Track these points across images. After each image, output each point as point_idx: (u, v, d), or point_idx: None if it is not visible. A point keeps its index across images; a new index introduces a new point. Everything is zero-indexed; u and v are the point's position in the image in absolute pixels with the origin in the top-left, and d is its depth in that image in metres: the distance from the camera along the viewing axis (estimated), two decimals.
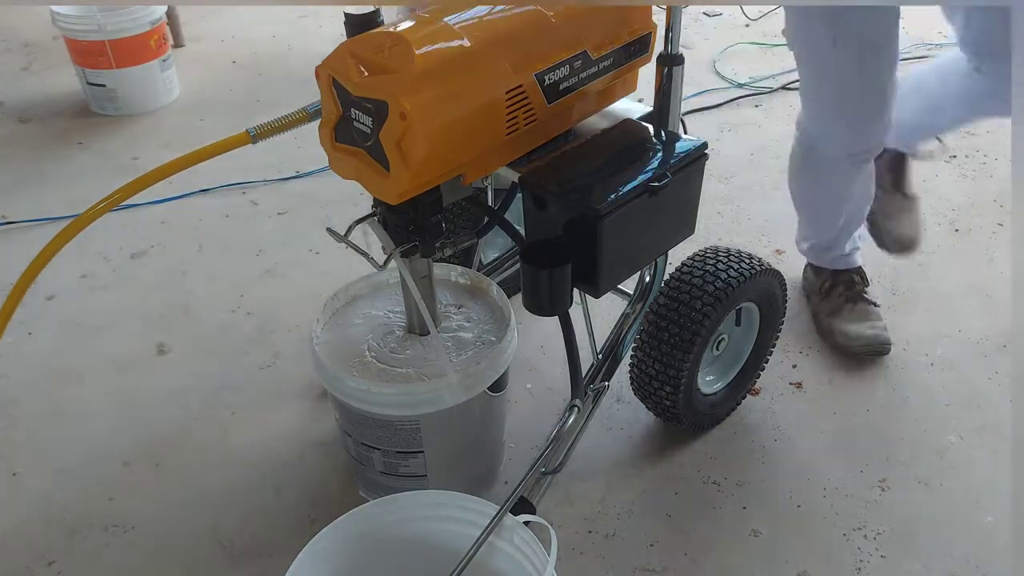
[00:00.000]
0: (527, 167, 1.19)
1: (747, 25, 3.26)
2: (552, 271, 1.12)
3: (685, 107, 2.62)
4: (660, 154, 1.23)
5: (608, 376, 1.42)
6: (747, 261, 1.42)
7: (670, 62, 1.27)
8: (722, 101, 2.72)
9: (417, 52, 0.99)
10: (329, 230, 1.18)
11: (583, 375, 1.34)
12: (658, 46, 1.28)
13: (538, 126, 1.15)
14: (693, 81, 2.78)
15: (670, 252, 1.36)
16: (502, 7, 1.10)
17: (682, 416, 1.48)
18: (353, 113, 1.03)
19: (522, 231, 1.24)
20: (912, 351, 1.75)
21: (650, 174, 1.17)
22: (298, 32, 3.31)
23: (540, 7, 1.11)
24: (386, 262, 1.21)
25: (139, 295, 1.97)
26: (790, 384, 1.68)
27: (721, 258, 1.42)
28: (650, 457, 1.53)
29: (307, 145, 2.48)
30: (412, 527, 1.08)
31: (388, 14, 1.13)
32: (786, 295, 1.54)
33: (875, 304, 1.77)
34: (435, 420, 1.24)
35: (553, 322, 1.23)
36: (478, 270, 1.53)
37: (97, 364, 1.77)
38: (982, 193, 2.24)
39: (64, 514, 1.45)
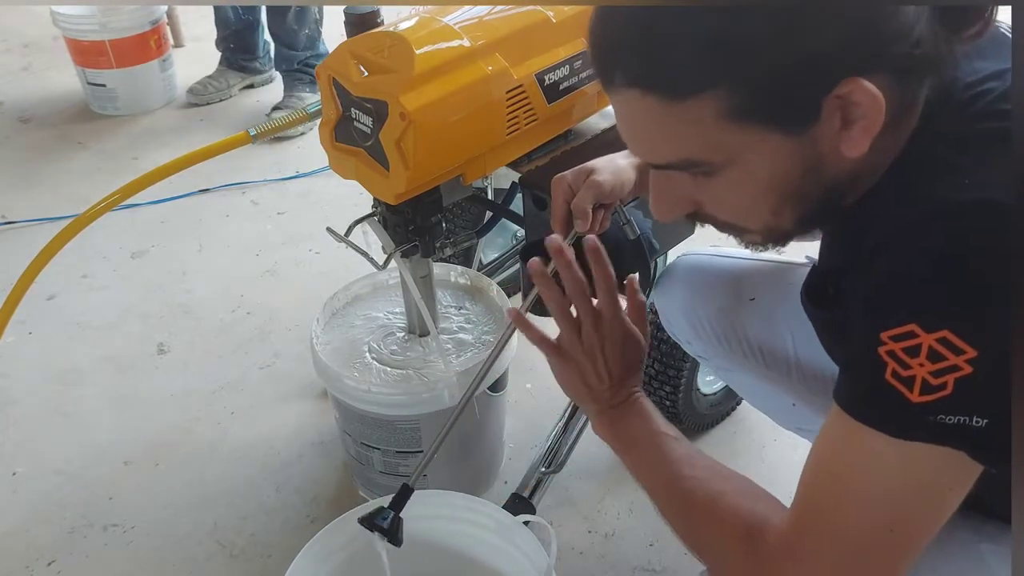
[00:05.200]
0: (527, 167, 1.19)
1: None
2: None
3: None
4: None
5: None
6: None
7: None
8: None
9: (417, 52, 0.99)
10: (329, 230, 1.18)
11: None
12: None
13: (538, 126, 1.15)
14: None
15: (670, 252, 1.36)
16: (502, 7, 1.10)
17: (682, 416, 1.47)
18: (353, 113, 1.03)
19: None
20: None
21: None
22: None
23: (540, 7, 1.11)
24: (386, 262, 1.21)
25: (139, 295, 1.97)
26: None
27: None
28: None
29: (307, 145, 2.48)
30: (412, 527, 1.08)
31: (388, 14, 1.13)
32: None
33: None
34: (435, 420, 1.24)
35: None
36: (478, 270, 1.52)
37: (97, 364, 1.77)
38: None
39: (64, 514, 1.45)
